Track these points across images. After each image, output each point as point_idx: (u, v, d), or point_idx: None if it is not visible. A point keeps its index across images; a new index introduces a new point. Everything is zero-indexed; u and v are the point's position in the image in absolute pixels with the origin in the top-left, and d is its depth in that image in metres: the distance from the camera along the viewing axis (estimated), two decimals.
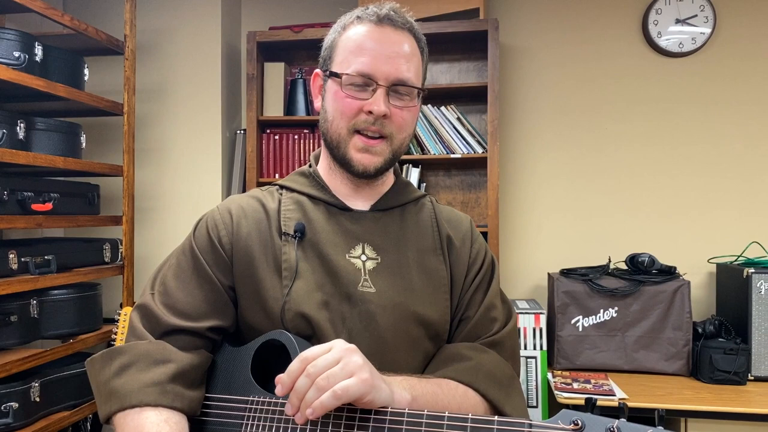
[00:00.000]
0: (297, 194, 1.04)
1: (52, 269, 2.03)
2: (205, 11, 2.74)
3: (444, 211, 1.09)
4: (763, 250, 2.41)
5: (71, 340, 2.12)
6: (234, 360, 0.95)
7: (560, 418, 0.70)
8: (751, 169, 2.55)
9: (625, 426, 0.67)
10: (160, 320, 0.93)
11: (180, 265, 0.99)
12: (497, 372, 0.95)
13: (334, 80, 0.97)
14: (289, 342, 0.89)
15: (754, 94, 2.55)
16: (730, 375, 2.10)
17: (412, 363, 0.96)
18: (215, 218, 1.01)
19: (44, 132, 2.09)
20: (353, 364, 0.77)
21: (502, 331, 1.01)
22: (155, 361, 0.89)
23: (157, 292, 0.98)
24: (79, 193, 2.25)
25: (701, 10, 2.54)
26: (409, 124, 0.99)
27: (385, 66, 0.94)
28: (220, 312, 0.96)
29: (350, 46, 0.96)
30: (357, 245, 0.98)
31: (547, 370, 2.23)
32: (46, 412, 2.01)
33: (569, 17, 2.68)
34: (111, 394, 0.87)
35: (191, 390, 0.90)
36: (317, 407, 0.74)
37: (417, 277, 0.99)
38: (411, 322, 0.95)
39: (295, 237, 0.97)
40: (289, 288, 0.93)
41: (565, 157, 2.69)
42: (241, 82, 2.93)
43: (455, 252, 1.04)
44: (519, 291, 2.70)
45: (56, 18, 2.04)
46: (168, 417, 0.86)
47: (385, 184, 1.06)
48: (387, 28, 0.96)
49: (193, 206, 2.74)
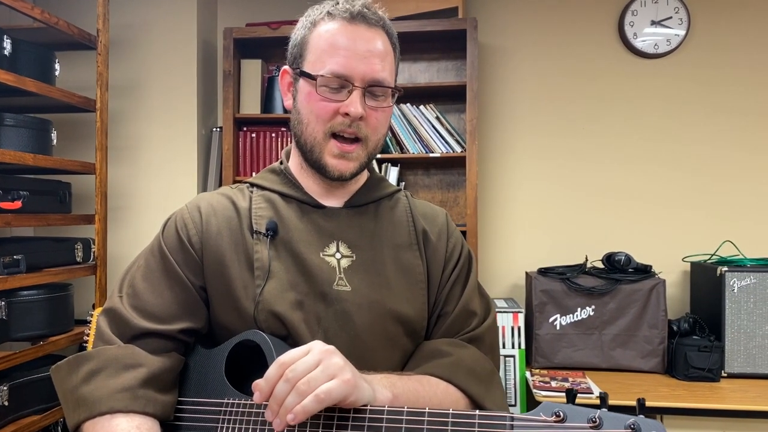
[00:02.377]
0: (268, 192, 1.01)
1: (21, 269, 1.98)
2: (181, 6, 2.70)
3: (419, 206, 1.08)
4: (736, 249, 2.45)
5: (41, 342, 2.07)
6: (207, 362, 0.93)
7: (542, 410, 0.69)
8: (723, 169, 2.60)
9: (606, 415, 0.67)
10: (129, 324, 0.90)
11: (149, 266, 0.96)
12: (477, 367, 0.95)
13: (307, 81, 0.94)
14: (264, 342, 0.86)
15: (726, 95, 2.59)
16: (704, 372, 2.13)
17: (390, 361, 0.94)
18: (184, 217, 0.98)
19: (13, 128, 2.03)
20: (334, 365, 0.75)
21: (481, 326, 1.01)
22: (125, 366, 0.86)
23: (125, 295, 0.94)
24: (49, 191, 2.20)
25: (676, 12, 2.58)
26: (383, 125, 0.98)
27: (361, 66, 0.92)
28: (192, 313, 0.94)
29: (323, 45, 0.93)
30: (331, 243, 0.97)
31: (526, 369, 2.24)
32: (16, 416, 1.95)
33: (547, 17, 2.70)
34: (79, 401, 0.85)
35: (163, 394, 0.87)
36: (299, 412, 0.72)
37: (393, 273, 0.97)
38: (388, 320, 0.94)
39: (267, 235, 0.94)
40: (262, 287, 0.91)
41: (542, 156, 2.70)
42: (218, 79, 2.89)
43: (431, 247, 1.02)
44: (497, 290, 2.71)
45: (26, 11, 1.98)
46: (140, 423, 0.83)
47: (358, 182, 1.04)
48: (360, 25, 0.93)
49: (168, 205, 2.69)
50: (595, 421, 0.67)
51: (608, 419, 0.66)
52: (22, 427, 1.94)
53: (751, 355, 2.17)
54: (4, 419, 1.89)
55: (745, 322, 2.17)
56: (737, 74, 2.59)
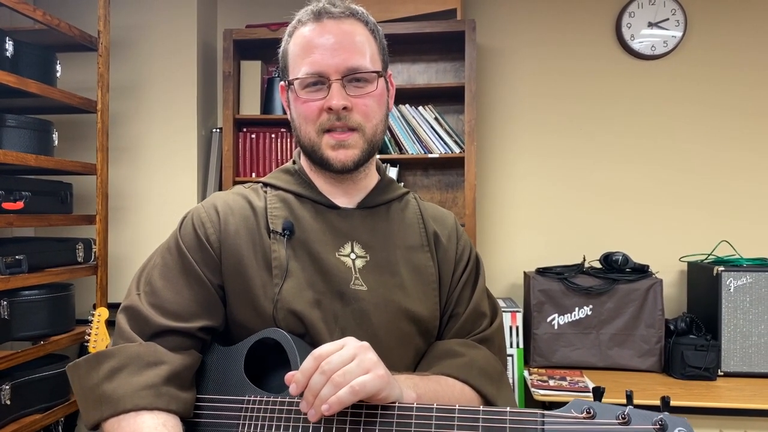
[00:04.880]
0: (282, 192, 1.02)
1: (23, 269, 1.99)
2: (181, 8, 2.71)
3: (429, 208, 1.10)
4: (732, 249, 2.47)
5: (43, 341, 2.08)
6: (225, 359, 0.93)
7: (572, 407, 0.71)
8: (720, 170, 2.61)
9: (634, 412, 0.68)
10: (149, 321, 0.91)
11: (166, 264, 0.96)
12: (488, 368, 0.97)
13: (292, 88, 0.97)
14: (285, 340, 0.88)
15: (723, 96, 2.61)
16: (700, 371, 2.15)
17: (404, 359, 0.96)
18: (201, 216, 0.99)
19: (15, 129, 2.04)
20: (368, 360, 0.77)
21: (491, 327, 1.03)
22: (147, 364, 0.87)
23: (143, 293, 0.95)
24: (51, 191, 2.21)
25: (673, 14, 2.59)
26: (375, 110, 0.97)
27: (332, 59, 0.93)
28: (211, 311, 0.94)
29: (297, 51, 0.96)
30: (346, 243, 0.98)
31: (524, 368, 2.26)
32: (17, 415, 1.96)
33: (545, 19, 2.72)
34: (102, 398, 0.84)
35: (184, 392, 0.88)
36: (333, 402, 0.74)
37: (406, 274, 0.99)
38: (403, 319, 0.96)
39: (284, 235, 0.95)
40: (280, 286, 0.92)
41: (541, 157, 2.72)
42: (218, 81, 2.90)
43: (442, 249, 1.04)
44: (496, 289, 2.72)
45: (28, 13, 2.00)
46: (165, 420, 0.84)
47: (368, 180, 1.05)
48: (327, 21, 0.95)
49: (168, 206, 2.71)
50: (624, 418, 0.68)
51: (636, 416, 0.68)
52: (24, 426, 1.95)
53: (747, 354, 2.19)
54: (6, 418, 1.90)
55: (742, 322, 2.19)
56: (734, 75, 2.60)
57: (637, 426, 0.67)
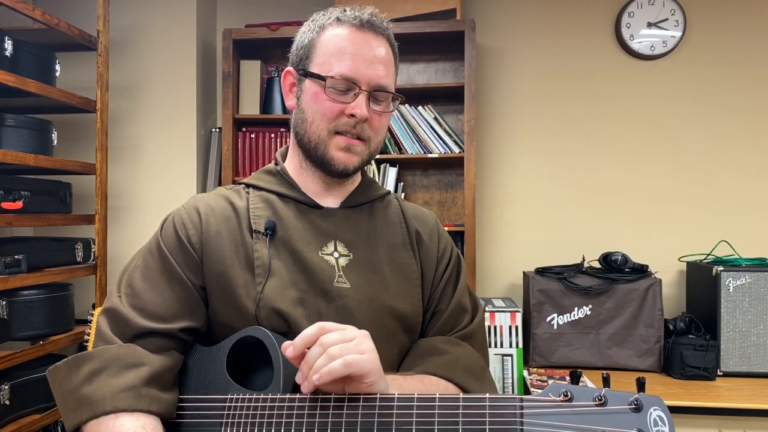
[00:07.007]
0: (265, 192, 1.03)
1: (22, 269, 1.99)
2: (180, 8, 2.71)
3: (410, 208, 1.12)
4: (731, 248, 2.47)
5: (42, 341, 2.08)
6: (207, 359, 0.93)
7: (550, 391, 0.72)
8: (719, 170, 2.62)
9: (610, 393, 0.70)
10: (130, 323, 0.91)
11: (147, 265, 0.96)
12: (472, 364, 0.99)
13: (314, 81, 0.97)
14: (267, 338, 0.88)
15: (722, 96, 2.61)
16: (699, 371, 2.15)
17: (388, 356, 0.97)
18: (182, 217, 0.99)
19: (14, 128, 2.04)
20: (366, 345, 0.79)
21: (472, 324, 1.06)
22: (127, 365, 0.87)
23: (124, 295, 0.95)
24: (50, 191, 2.21)
25: (672, 14, 2.60)
26: (383, 128, 1.02)
27: (368, 71, 0.96)
28: (192, 312, 0.95)
29: (331, 49, 0.97)
30: (329, 242, 0.99)
31: (523, 368, 2.26)
32: (16, 415, 1.96)
33: (545, 19, 2.72)
34: (81, 401, 0.84)
35: (166, 393, 0.88)
36: (324, 373, 0.75)
37: (389, 272, 1.00)
38: (387, 316, 0.97)
39: (266, 234, 0.96)
40: (263, 285, 0.93)
41: (540, 156, 2.72)
42: (217, 80, 2.90)
43: (424, 247, 1.06)
44: (495, 289, 2.72)
45: (27, 12, 1.99)
46: (145, 422, 0.83)
47: (353, 182, 1.08)
48: (368, 33, 0.98)
49: (168, 205, 2.70)
50: (601, 399, 0.70)
51: (612, 396, 0.70)
52: (23, 426, 1.95)
53: (746, 354, 2.19)
54: (5, 418, 1.90)
55: (741, 322, 2.19)
56: (733, 75, 2.61)
57: (613, 407, 0.69)
